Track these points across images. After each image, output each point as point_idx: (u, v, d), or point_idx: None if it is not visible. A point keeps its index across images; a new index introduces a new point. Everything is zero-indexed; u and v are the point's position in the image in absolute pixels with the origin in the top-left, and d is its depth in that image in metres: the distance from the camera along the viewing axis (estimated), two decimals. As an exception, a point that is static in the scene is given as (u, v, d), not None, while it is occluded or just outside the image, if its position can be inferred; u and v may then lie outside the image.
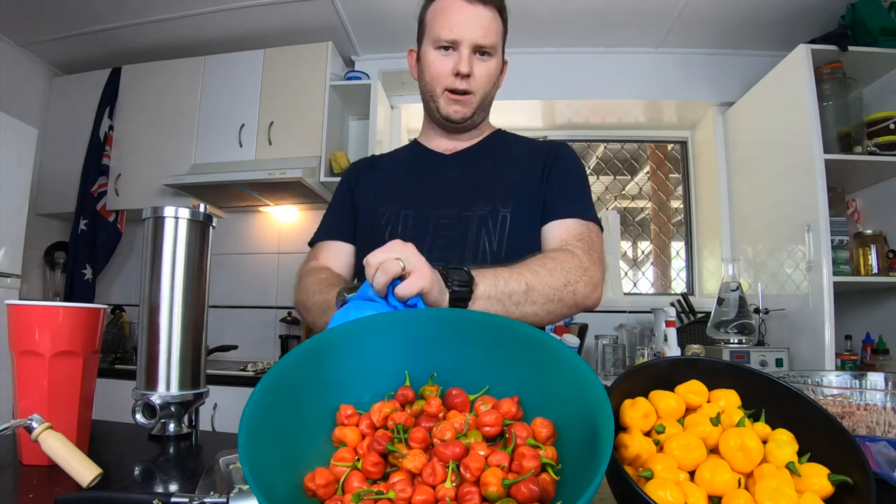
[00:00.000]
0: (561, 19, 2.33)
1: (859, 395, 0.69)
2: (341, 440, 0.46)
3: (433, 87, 0.93)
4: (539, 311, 0.76)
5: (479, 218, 0.90)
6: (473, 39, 0.88)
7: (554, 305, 0.78)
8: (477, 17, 0.88)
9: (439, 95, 0.93)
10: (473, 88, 0.91)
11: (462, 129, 0.98)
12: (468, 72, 0.88)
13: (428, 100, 0.96)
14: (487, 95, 0.94)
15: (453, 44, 0.88)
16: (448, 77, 0.90)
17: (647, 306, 2.36)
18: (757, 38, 2.40)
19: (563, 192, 0.93)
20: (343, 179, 1.06)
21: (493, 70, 0.92)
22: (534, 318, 0.76)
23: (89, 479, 0.53)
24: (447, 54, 0.90)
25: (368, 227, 0.95)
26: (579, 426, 0.42)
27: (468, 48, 0.88)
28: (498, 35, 0.91)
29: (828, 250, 1.80)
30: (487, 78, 0.92)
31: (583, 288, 0.80)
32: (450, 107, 0.93)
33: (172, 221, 0.79)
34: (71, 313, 0.67)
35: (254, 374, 2.00)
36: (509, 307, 0.73)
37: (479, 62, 0.90)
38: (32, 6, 2.26)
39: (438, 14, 0.90)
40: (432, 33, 0.90)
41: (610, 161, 2.85)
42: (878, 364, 1.88)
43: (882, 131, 1.90)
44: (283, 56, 2.44)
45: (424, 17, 0.94)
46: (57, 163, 2.62)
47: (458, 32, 0.87)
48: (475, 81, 0.91)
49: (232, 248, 2.72)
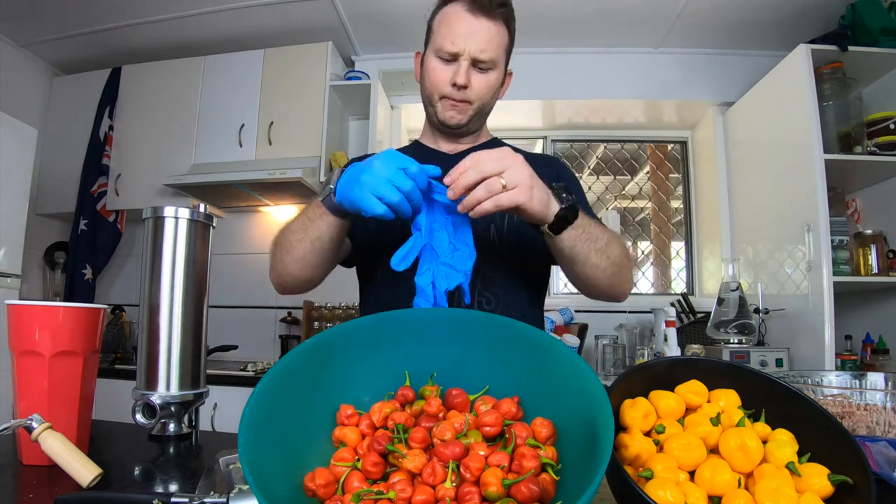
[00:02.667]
0: (561, 19, 2.33)
1: (859, 395, 0.69)
2: (341, 440, 0.47)
3: (432, 93, 0.95)
4: (607, 268, 0.79)
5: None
6: (472, 53, 0.89)
7: (615, 271, 0.80)
8: (480, 30, 0.88)
9: (437, 101, 0.95)
10: (471, 98, 0.93)
11: (458, 133, 1.00)
12: (465, 83, 0.90)
13: (427, 104, 0.99)
14: (485, 105, 0.96)
15: (453, 56, 0.90)
16: (446, 86, 0.92)
17: (647, 306, 2.36)
18: (757, 38, 2.39)
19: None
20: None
21: (492, 82, 0.94)
22: (601, 274, 0.79)
23: (89, 479, 0.53)
24: (447, 65, 0.91)
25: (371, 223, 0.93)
26: (579, 426, 0.42)
27: (467, 61, 0.89)
28: (500, 49, 0.92)
29: (828, 250, 1.80)
30: (486, 90, 0.93)
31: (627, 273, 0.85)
32: (446, 112, 0.95)
33: (172, 221, 0.79)
34: (71, 313, 0.67)
35: (254, 374, 2.00)
36: (591, 250, 0.76)
37: (478, 75, 0.92)
38: (32, 6, 2.26)
39: (443, 24, 0.91)
40: (436, 42, 0.92)
41: (610, 161, 2.85)
42: (878, 364, 1.88)
43: (882, 131, 1.90)
44: (283, 56, 2.44)
45: (432, 24, 0.95)
46: (57, 163, 2.62)
47: (460, 45, 0.88)
48: (472, 92, 0.92)
49: (232, 248, 2.71)
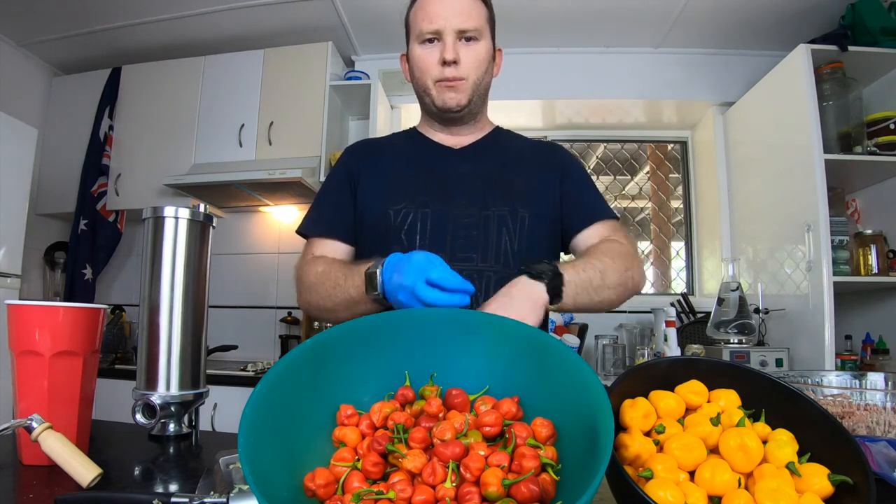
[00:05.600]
0: (561, 19, 2.33)
1: (859, 395, 0.69)
2: (341, 440, 0.46)
3: (424, 80, 0.91)
4: (612, 295, 0.83)
5: (499, 217, 0.89)
6: (455, 25, 0.86)
7: (622, 290, 0.85)
8: (456, 3, 0.87)
9: (431, 87, 0.91)
10: (463, 74, 0.89)
11: (460, 118, 0.95)
12: (454, 58, 0.86)
13: (422, 95, 0.94)
14: (480, 81, 0.91)
15: (436, 34, 0.87)
16: (436, 67, 0.88)
17: (647, 306, 2.36)
18: (757, 38, 2.39)
19: (586, 200, 0.97)
20: (339, 168, 0.99)
21: (482, 54, 0.89)
22: (608, 304, 0.84)
23: (89, 479, 0.53)
24: (432, 46, 0.88)
25: (378, 227, 0.91)
26: (579, 426, 0.42)
27: (451, 35, 0.86)
28: (482, 18, 0.89)
29: (828, 250, 1.80)
30: (476, 62, 0.89)
31: (636, 271, 0.88)
32: (443, 95, 0.90)
33: (172, 221, 0.79)
34: (71, 313, 0.67)
35: (254, 374, 2.00)
36: (591, 294, 0.79)
37: (466, 47, 0.88)
38: (32, 6, 2.26)
39: (418, 10, 0.90)
40: (415, 29, 0.90)
41: (610, 161, 2.85)
42: (878, 364, 1.88)
43: (882, 131, 1.90)
44: (283, 56, 2.44)
45: (408, 20, 0.94)
46: (57, 163, 2.62)
47: (439, 21, 0.86)
48: (464, 67, 0.88)
49: (232, 248, 2.71)
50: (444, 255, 0.67)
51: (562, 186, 0.96)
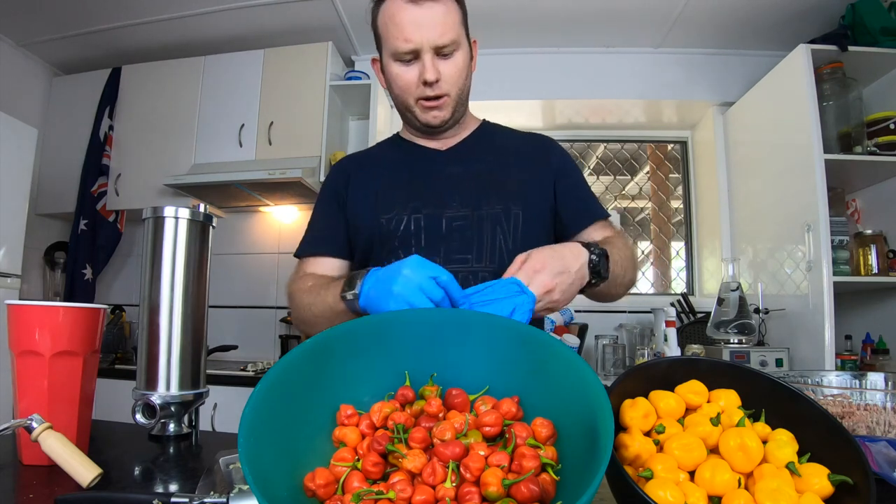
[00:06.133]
0: (561, 19, 2.33)
1: (859, 395, 0.69)
2: (341, 440, 0.46)
3: (404, 99, 0.89)
4: (633, 277, 0.90)
5: (493, 216, 0.89)
6: (432, 41, 0.82)
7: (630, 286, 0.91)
8: (429, 16, 0.81)
9: (413, 106, 0.89)
10: (446, 90, 0.87)
11: (444, 131, 0.95)
12: (435, 78, 0.84)
13: (404, 112, 0.93)
14: (462, 91, 0.90)
15: (412, 53, 0.83)
16: (417, 88, 0.86)
17: (647, 306, 2.36)
18: (757, 38, 2.39)
19: (584, 199, 0.98)
20: (326, 188, 0.99)
21: (461, 65, 0.87)
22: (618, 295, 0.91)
23: (89, 479, 0.53)
24: (409, 65, 0.85)
25: (372, 236, 0.91)
26: (579, 426, 0.42)
27: (430, 53, 0.83)
28: (456, 26, 0.85)
29: (828, 250, 1.80)
30: (457, 75, 0.87)
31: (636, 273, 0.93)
32: (427, 114, 0.89)
33: (172, 221, 0.79)
34: (71, 313, 0.67)
35: (254, 374, 2.00)
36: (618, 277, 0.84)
37: (445, 62, 0.85)
38: (32, 6, 2.26)
39: (389, 23, 0.84)
40: (389, 45, 0.85)
41: (610, 161, 2.85)
42: (878, 364, 1.88)
43: (882, 131, 1.90)
44: (283, 56, 2.44)
45: (377, 27, 0.89)
46: (57, 163, 2.62)
47: (415, 39, 0.81)
48: (445, 83, 0.86)
49: (232, 248, 2.71)
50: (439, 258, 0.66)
51: (556, 184, 0.95)
